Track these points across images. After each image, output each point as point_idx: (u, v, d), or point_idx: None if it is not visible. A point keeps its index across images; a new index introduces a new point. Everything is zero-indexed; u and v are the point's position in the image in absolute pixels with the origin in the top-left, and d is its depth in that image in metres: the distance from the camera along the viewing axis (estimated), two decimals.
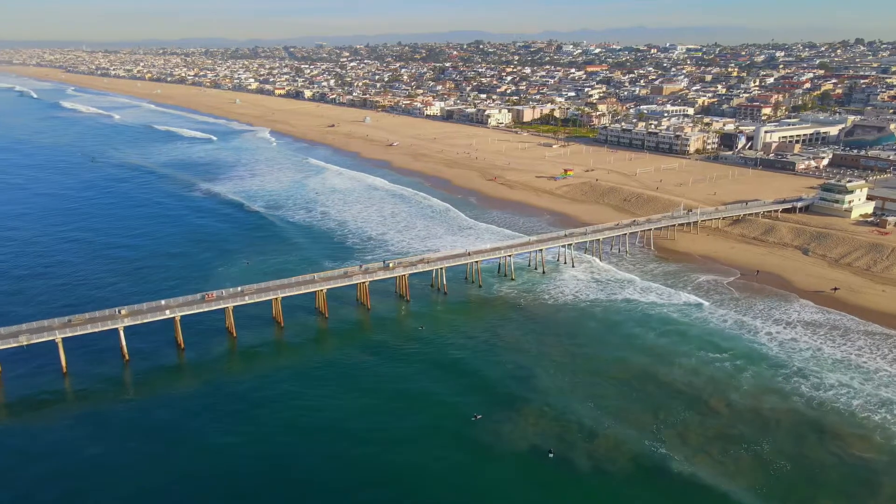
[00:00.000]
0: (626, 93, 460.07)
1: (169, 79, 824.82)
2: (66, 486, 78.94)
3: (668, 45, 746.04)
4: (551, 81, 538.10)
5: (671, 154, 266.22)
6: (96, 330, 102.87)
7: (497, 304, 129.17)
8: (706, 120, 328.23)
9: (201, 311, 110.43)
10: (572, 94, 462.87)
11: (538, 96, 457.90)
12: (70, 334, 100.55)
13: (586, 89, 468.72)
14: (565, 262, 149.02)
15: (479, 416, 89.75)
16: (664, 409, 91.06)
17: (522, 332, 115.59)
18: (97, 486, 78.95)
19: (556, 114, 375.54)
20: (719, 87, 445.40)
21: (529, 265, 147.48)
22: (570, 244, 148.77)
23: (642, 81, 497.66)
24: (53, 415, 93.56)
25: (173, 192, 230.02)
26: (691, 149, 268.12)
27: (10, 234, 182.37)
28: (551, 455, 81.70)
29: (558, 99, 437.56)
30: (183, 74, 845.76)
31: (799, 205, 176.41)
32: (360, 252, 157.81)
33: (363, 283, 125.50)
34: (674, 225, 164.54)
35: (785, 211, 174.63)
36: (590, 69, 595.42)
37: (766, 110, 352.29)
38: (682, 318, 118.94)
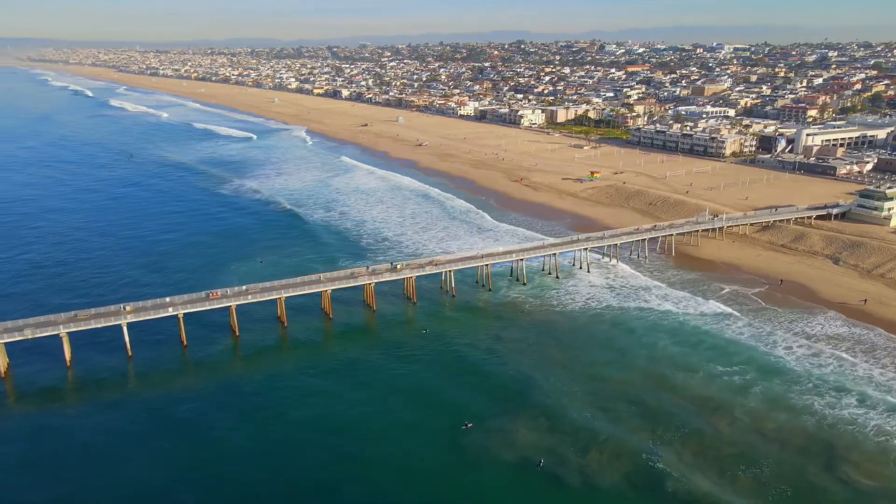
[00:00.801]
0: (665, 93, 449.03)
1: (214, 78, 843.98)
2: (67, 481, 79.74)
3: (714, 44, 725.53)
4: (590, 81, 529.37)
5: (706, 157, 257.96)
6: (100, 326, 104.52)
7: (505, 308, 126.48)
8: (746, 122, 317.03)
9: (205, 309, 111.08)
10: (611, 94, 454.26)
11: (575, 97, 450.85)
12: (74, 329, 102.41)
13: (625, 90, 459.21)
14: (580, 267, 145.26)
15: (470, 425, 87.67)
16: (664, 423, 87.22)
17: (526, 338, 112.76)
18: (98, 482, 79.63)
19: (591, 114, 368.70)
20: (764, 87, 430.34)
21: (543, 269, 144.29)
22: (586, 248, 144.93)
23: (683, 82, 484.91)
24: (56, 408, 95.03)
25: (204, 189, 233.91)
26: (727, 151, 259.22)
27: (46, 226, 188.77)
28: (540, 466, 79.20)
29: (595, 99, 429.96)
30: (227, 74, 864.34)
31: (834, 211, 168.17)
32: (374, 252, 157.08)
33: (369, 284, 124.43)
34: (697, 230, 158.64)
35: (819, 218, 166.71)
36: (630, 69, 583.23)
37: (812, 112, 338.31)
38: (696, 329, 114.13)
